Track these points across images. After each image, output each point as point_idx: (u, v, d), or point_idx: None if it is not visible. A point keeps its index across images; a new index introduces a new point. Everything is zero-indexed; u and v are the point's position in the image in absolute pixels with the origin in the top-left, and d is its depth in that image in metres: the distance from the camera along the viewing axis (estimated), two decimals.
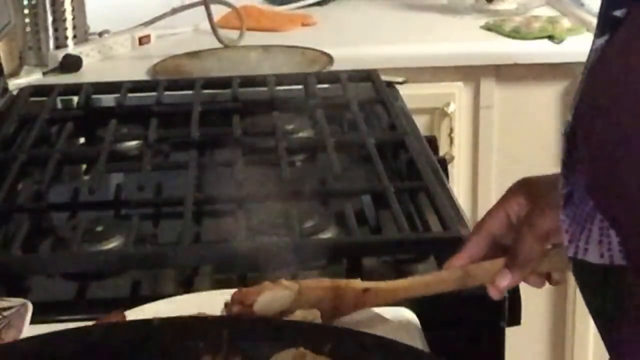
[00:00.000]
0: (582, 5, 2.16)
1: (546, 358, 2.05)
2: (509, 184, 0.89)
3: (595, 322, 0.73)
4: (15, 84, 1.74)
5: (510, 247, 0.86)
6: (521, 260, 0.85)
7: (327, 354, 0.66)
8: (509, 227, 0.87)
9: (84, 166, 1.38)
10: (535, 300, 1.95)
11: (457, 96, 1.98)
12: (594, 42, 0.67)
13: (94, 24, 1.99)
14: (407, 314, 0.91)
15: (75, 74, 1.85)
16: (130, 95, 1.58)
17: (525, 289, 1.03)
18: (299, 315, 0.83)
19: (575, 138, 0.67)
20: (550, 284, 0.89)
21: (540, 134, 2.01)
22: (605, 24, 0.65)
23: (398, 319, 0.90)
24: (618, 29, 0.64)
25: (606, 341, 0.72)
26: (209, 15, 1.98)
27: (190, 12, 2.04)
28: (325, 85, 1.62)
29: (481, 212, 1.93)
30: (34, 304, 0.90)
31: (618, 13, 0.64)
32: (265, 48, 1.94)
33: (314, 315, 0.83)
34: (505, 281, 0.86)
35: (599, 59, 0.65)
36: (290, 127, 1.43)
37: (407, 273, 1.06)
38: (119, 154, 1.37)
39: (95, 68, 1.89)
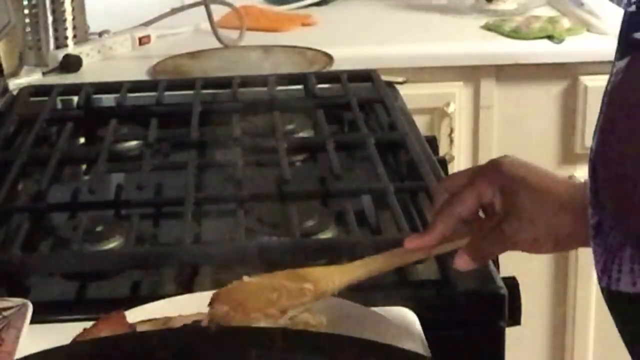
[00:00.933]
0: (582, 5, 2.16)
1: (546, 358, 2.05)
2: None
3: (631, 348, 0.73)
4: (15, 84, 1.74)
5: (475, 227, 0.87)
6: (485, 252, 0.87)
7: None
8: (478, 209, 0.87)
9: (84, 166, 1.38)
10: (535, 300, 1.95)
11: (457, 96, 1.98)
12: (614, 64, 0.67)
13: (94, 24, 1.99)
14: (407, 314, 0.91)
15: (75, 74, 1.85)
16: (130, 95, 1.58)
17: (525, 289, 1.03)
18: (302, 318, 0.83)
19: (599, 163, 0.67)
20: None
21: (540, 134, 2.01)
22: (626, 46, 0.66)
23: (398, 319, 0.90)
24: (639, 51, 0.65)
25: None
26: (209, 15, 1.98)
27: (190, 12, 2.04)
28: (325, 85, 1.62)
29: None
30: (34, 304, 0.90)
31: (639, 35, 0.65)
32: (265, 48, 1.94)
33: (317, 321, 0.84)
34: (464, 261, 0.86)
35: (620, 82, 0.65)
36: (290, 127, 1.44)
37: (407, 273, 1.06)
38: (119, 154, 1.37)
39: (95, 68, 1.89)
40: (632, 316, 0.71)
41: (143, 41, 2.00)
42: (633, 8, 0.66)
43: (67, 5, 1.90)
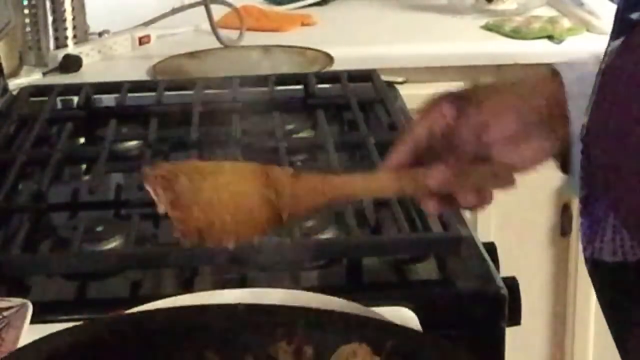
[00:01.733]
0: (582, 5, 2.16)
1: (546, 358, 2.05)
2: None
3: (605, 313, 0.75)
4: (15, 84, 1.74)
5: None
6: (457, 153, 0.80)
7: (388, 350, 0.69)
8: (432, 139, 0.82)
9: (84, 166, 1.38)
10: (535, 300, 1.95)
11: None
12: (609, 44, 0.67)
13: (94, 24, 1.99)
14: (407, 314, 0.91)
15: (75, 74, 1.85)
16: (130, 95, 1.58)
17: (525, 289, 1.03)
18: None
19: (591, 141, 0.68)
20: (476, 206, 0.83)
21: None
22: (621, 26, 0.66)
23: (398, 319, 0.90)
24: (634, 31, 0.64)
25: (615, 329, 0.74)
26: (209, 15, 1.98)
27: (190, 12, 2.04)
28: (325, 85, 1.62)
29: (481, 212, 1.93)
30: (34, 304, 0.90)
31: (634, 16, 0.64)
32: (265, 48, 1.94)
33: None
34: (439, 175, 0.79)
35: (614, 61, 0.65)
36: (290, 127, 1.43)
37: (407, 273, 1.06)
38: (119, 154, 1.37)
39: (95, 68, 1.89)
40: (610, 284, 0.73)
41: (143, 41, 2.00)
42: None
43: (67, 5, 1.90)
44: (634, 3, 0.65)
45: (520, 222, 1.95)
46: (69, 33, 1.91)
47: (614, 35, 0.66)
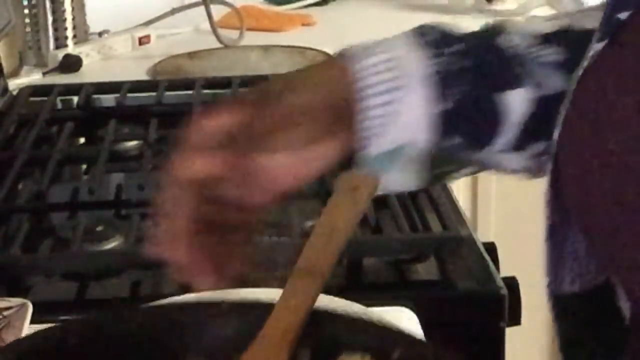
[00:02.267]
0: (582, 5, 2.16)
1: (546, 358, 2.05)
2: (509, 183, 0.89)
3: (565, 351, 0.68)
4: (15, 84, 1.74)
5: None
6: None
7: None
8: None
9: (84, 166, 1.38)
10: (535, 300, 1.94)
11: None
12: (589, 48, 0.60)
13: (94, 24, 1.99)
14: (407, 314, 0.91)
15: (75, 74, 1.85)
16: (130, 95, 1.58)
17: (525, 289, 1.03)
18: None
19: (562, 154, 0.61)
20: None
21: None
22: (607, 28, 0.58)
23: (398, 319, 0.90)
24: (620, 33, 0.57)
25: None
26: (209, 15, 1.98)
27: (190, 12, 2.04)
28: None
29: (481, 212, 1.93)
30: (34, 304, 0.90)
31: (623, 16, 0.57)
32: (265, 48, 1.94)
33: None
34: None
35: (594, 66, 0.58)
36: None
37: (407, 273, 1.06)
38: (119, 154, 1.37)
39: (95, 68, 1.89)
40: (569, 316, 0.67)
41: (143, 41, 2.00)
42: None
43: (67, 5, 1.90)
44: (623, 2, 0.58)
45: (520, 222, 1.94)
46: (69, 33, 1.91)
47: (596, 39, 0.59)
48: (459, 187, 2.00)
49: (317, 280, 0.65)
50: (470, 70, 0.69)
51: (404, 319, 0.90)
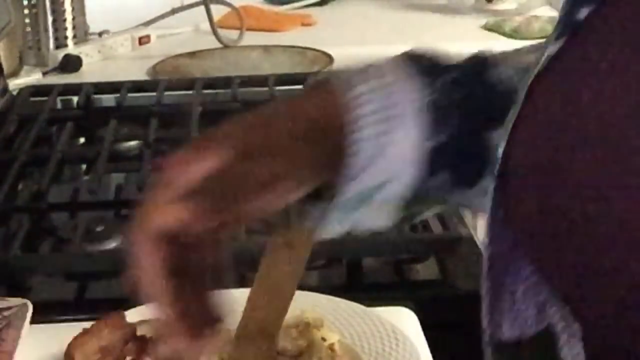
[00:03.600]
0: None
1: None
2: None
3: None
4: (15, 84, 1.74)
5: None
6: None
7: None
8: None
9: (84, 166, 1.38)
10: None
11: None
12: (543, 50, 0.54)
13: (94, 24, 1.99)
14: (407, 314, 0.91)
15: (75, 74, 1.85)
16: (130, 95, 1.58)
17: None
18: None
19: (509, 171, 0.54)
20: None
21: None
22: (563, 28, 0.52)
23: (398, 319, 0.90)
24: (577, 33, 0.51)
25: None
26: (209, 15, 1.98)
27: (190, 12, 2.04)
28: None
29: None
30: (34, 304, 0.90)
31: (581, 14, 0.51)
32: (265, 48, 1.94)
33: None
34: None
35: (549, 69, 0.52)
36: None
37: (407, 273, 1.06)
38: (119, 154, 1.37)
39: (95, 68, 1.89)
40: None
41: (143, 41, 2.00)
42: None
43: (67, 5, 1.90)
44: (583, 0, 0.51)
45: None
46: (69, 33, 1.91)
47: (552, 39, 0.53)
48: None
49: (270, 341, 0.64)
50: (462, 105, 0.66)
51: (404, 319, 0.90)
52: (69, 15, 1.91)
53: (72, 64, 1.85)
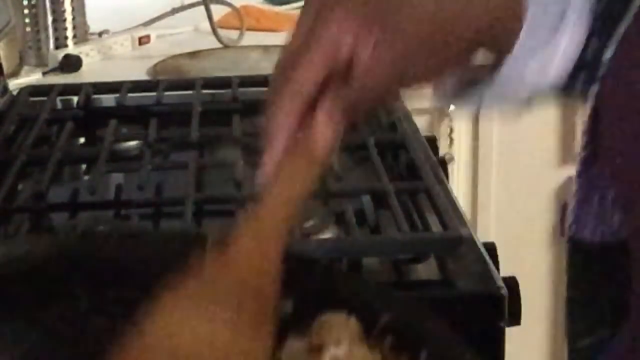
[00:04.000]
0: None
1: (546, 358, 2.05)
2: (509, 184, 0.89)
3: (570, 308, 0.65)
4: (15, 84, 1.74)
5: None
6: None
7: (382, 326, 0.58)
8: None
9: (84, 166, 1.38)
10: (535, 300, 1.95)
11: None
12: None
13: (94, 24, 1.99)
14: None
15: (75, 74, 1.85)
16: (130, 95, 1.58)
17: (525, 289, 1.03)
18: None
19: (600, 107, 0.57)
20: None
21: (540, 134, 2.01)
22: None
23: None
24: None
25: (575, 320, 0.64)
26: (209, 15, 1.98)
27: (190, 12, 2.04)
28: None
29: (481, 212, 1.93)
30: None
31: None
32: (265, 48, 1.94)
33: None
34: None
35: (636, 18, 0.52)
36: None
37: (407, 273, 1.06)
38: (119, 154, 1.37)
39: (95, 68, 1.89)
40: (585, 268, 0.62)
41: (143, 41, 2.00)
42: None
43: (67, 5, 1.90)
44: None
45: (520, 222, 1.95)
46: (69, 33, 1.91)
47: None
48: (459, 187, 2.00)
49: (313, 165, 0.60)
50: None
51: None
52: (69, 15, 1.91)
53: (72, 64, 1.85)
